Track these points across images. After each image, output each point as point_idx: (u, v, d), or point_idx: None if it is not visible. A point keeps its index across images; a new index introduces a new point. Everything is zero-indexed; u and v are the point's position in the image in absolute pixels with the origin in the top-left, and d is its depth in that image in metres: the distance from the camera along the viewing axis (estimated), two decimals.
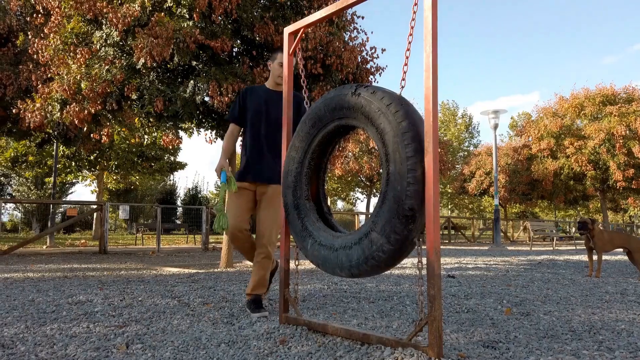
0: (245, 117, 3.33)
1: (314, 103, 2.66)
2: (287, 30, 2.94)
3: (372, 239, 2.20)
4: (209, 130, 7.29)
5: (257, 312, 3.08)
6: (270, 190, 3.25)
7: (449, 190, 33.01)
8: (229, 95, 5.76)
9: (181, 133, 7.88)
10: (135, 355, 2.17)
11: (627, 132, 20.14)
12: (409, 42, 2.23)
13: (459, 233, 22.12)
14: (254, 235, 3.29)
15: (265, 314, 3.07)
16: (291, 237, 3.15)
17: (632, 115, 20.43)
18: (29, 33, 8.49)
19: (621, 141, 20.13)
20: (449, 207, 40.32)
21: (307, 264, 6.83)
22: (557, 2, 72.17)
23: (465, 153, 37.03)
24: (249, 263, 7.65)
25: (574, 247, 15.77)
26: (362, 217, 20.06)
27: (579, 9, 73.14)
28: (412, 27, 2.22)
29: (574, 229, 28.61)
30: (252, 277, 3.23)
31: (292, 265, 6.55)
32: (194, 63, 6.25)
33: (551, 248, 15.61)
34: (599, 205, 27.61)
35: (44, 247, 12.94)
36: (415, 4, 2.21)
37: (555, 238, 16.61)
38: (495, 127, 15.91)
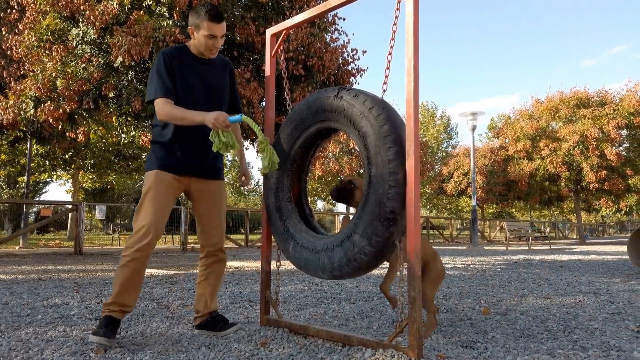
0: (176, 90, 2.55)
1: (296, 105, 2.66)
2: (270, 31, 2.94)
3: (354, 241, 2.21)
4: None
5: (231, 328, 2.67)
6: (215, 186, 2.70)
7: (428, 191, 33.36)
8: None
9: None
10: None
11: (600, 134, 20.67)
12: (391, 47, 2.26)
13: (438, 233, 22.39)
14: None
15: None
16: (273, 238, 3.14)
17: (604, 118, 20.97)
18: (2, 29, 8.27)
19: (594, 143, 20.64)
20: (428, 207, 40.77)
21: (287, 265, 6.83)
22: (539, 5, 73.77)
23: (444, 154, 37.48)
24: (230, 264, 7.60)
25: (549, 247, 16.12)
26: (342, 217, 20.11)
27: (560, 13, 74.96)
28: (393, 32, 2.25)
29: (548, 229, 29.23)
30: (212, 288, 2.69)
31: (273, 266, 6.54)
32: None
33: (527, 248, 15.92)
34: (573, 205, 28.26)
35: (17, 247, 12.63)
36: (397, 9, 2.23)
37: (530, 238, 16.94)
38: (473, 128, 16.15)
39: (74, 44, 6.14)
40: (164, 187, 2.50)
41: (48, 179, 27.50)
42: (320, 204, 42.95)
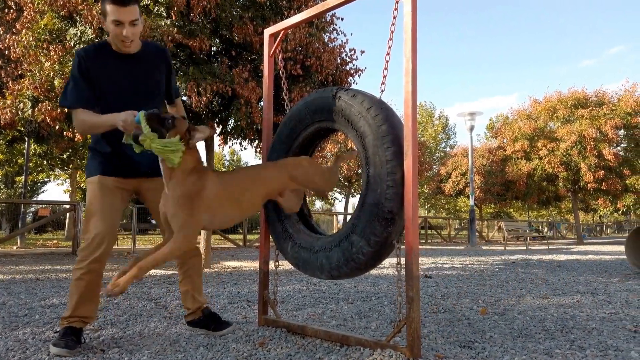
0: (95, 94, 2.34)
1: (294, 105, 2.66)
2: (268, 31, 2.94)
3: (352, 241, 2.21)
4: None
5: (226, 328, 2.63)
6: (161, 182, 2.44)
7: (426, 191, 33.38)
8: (207, 95, 5.71)
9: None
10: None
11: (598, 134, 20.69)
12: (389, 47, 2.26)
13: (436, 233, 22.42)
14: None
15: None
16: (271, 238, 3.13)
17: (602, 118, 21.00)
18: None
19: (592, 143, 20.66)
20: (426, 207, 40.79)
21: (285, 265, 6.83)
22: (538, 6, 73.86)
23: (442, 154, 37.51)
24: (228, 264, 7.58)
25: (547, 247, 16.14)
26: (341, 217, 20.13)
27: (558, 14, 75.05)
28: (392, 32, 2.25)
29: (546, 229, 29.25)
30: (195, 283, 2.62)
31: (271, 266, 6.55)
32: None
33: (524, 248, 15.94)
34: (571, 205, 28.30)
35: (14, 247, 12.59)
36: (396, 9, 2.23)
37: (528, 238, 16.96)
38: (471, 128, 16.16)
39: (72, 44, 6.12)
40: (109, 191, 2.36)
41: (46, 179, 27.46)
42: (318, 204, 42.95)
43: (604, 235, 43.13)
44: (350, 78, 7.18)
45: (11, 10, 7.59)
